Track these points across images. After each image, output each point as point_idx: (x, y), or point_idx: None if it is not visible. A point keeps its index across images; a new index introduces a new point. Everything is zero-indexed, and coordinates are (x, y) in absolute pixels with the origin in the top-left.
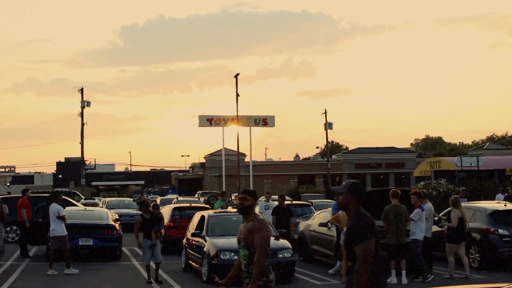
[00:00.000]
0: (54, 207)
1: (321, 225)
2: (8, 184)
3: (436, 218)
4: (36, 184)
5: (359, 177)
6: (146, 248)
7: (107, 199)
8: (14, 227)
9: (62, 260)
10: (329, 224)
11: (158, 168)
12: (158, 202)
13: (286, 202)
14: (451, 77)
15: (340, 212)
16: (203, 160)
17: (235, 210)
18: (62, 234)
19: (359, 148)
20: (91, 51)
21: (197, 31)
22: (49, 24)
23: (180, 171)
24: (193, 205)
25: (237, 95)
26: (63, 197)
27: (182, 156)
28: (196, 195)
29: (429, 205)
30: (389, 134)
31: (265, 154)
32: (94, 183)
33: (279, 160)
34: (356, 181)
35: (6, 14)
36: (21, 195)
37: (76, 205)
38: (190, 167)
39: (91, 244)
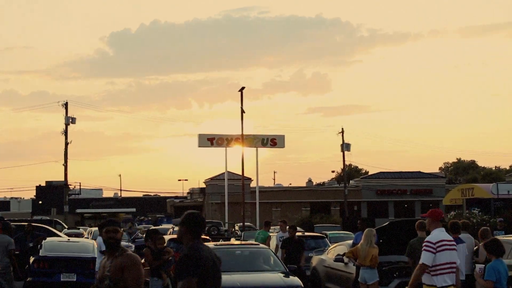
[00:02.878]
0: (99, 240)
1: (336, 260)
2: None
3: None
4: (13, 211)
5: (381, 205)
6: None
7: (93, 229)
8: None
9: None
10: (346, 259)
11: (152, 194)
12: None
13: (297, 234)
14: (486, 93)
15: (359, 245)
16: (203, 185)
17: (238, 242)
18: None
19: (380, 172)
20: (76, 60)
21: (196, 39)
22: (28, 30)
23: (176, 197)
24: None
25: (242, 111)
26: (43, 226)
27: (179, 180)
28: None
29: (467, 236)
30: (414, 157)
31: (274, 179)
32: (79, 211)
33: (290, 185)
34: (193, 212)
35: None
36: None
37: (58, 235)
38: (188, 192)
39: (75, 280)
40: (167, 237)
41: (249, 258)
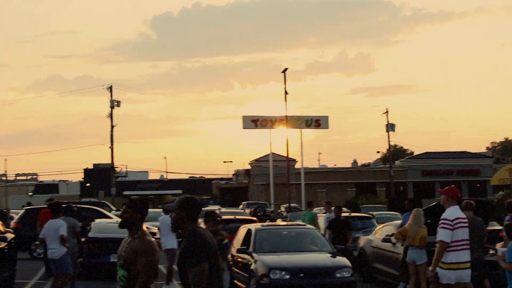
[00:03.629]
0: (169, 219)
1: (384, 240)
2: (30, 193)
3: None
4: (61, 194)
5: (427, 185)
6: None
7: None
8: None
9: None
10: (393, 239)
11: (197, 176)
12: None
13: (344, 215)
14: None
15: (407, 225)
16: (248, 167)
17: (284, 223)
18: (172, 247)
19: (426, 152)
20: (120, 44)
21: (238, 21)
22: (73, 15)
23: (222, 179)
24: (237, 217)
25: (286, 92)
26: (92, 207)
27: (224, 162)
28: (241, 206)
29: None
30: (461, 136)
31: (318, 160)
32: (126, 193)
33: (334, 166)
34: (189, 197)
35: (24, 5)
36: (45, 206)
37: (108, 217)
38: (233, 174)
39: None
40: None
41: (296, 239)
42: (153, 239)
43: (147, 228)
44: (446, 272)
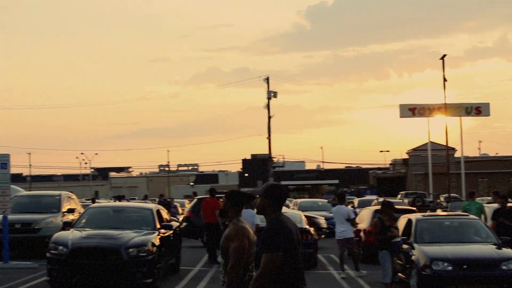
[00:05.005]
0: (344, 209)
1: None
2: (192, 183)
3: None
4: (221, 184)
5: None
6: (387, 261)
7: (298, 200)
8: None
9: None
10: None
11: (354, 166)
12: (355, 203)
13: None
14: None
15: None
16: (406, 156)
17: (444, 213)
18: (349, 236)
19: None
20: (275, 35)
21: (393, 7)
22: (229, 8)
23: (379, 168)
24: (397, 207)
25: (444, 79)
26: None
27: (381, 151)
28: (399, 196)
29: None
30: None
31: (479, 149)
32: (283, 182)
33: (496, 155)
34: (275, 183)
35: (183, 0)
36: (207, 196)
37: None
38: (390, 164)
39: None
40: (372, 208)
41: (458, 229)
42: (247, 226)
43: (304, 218)
44: None
